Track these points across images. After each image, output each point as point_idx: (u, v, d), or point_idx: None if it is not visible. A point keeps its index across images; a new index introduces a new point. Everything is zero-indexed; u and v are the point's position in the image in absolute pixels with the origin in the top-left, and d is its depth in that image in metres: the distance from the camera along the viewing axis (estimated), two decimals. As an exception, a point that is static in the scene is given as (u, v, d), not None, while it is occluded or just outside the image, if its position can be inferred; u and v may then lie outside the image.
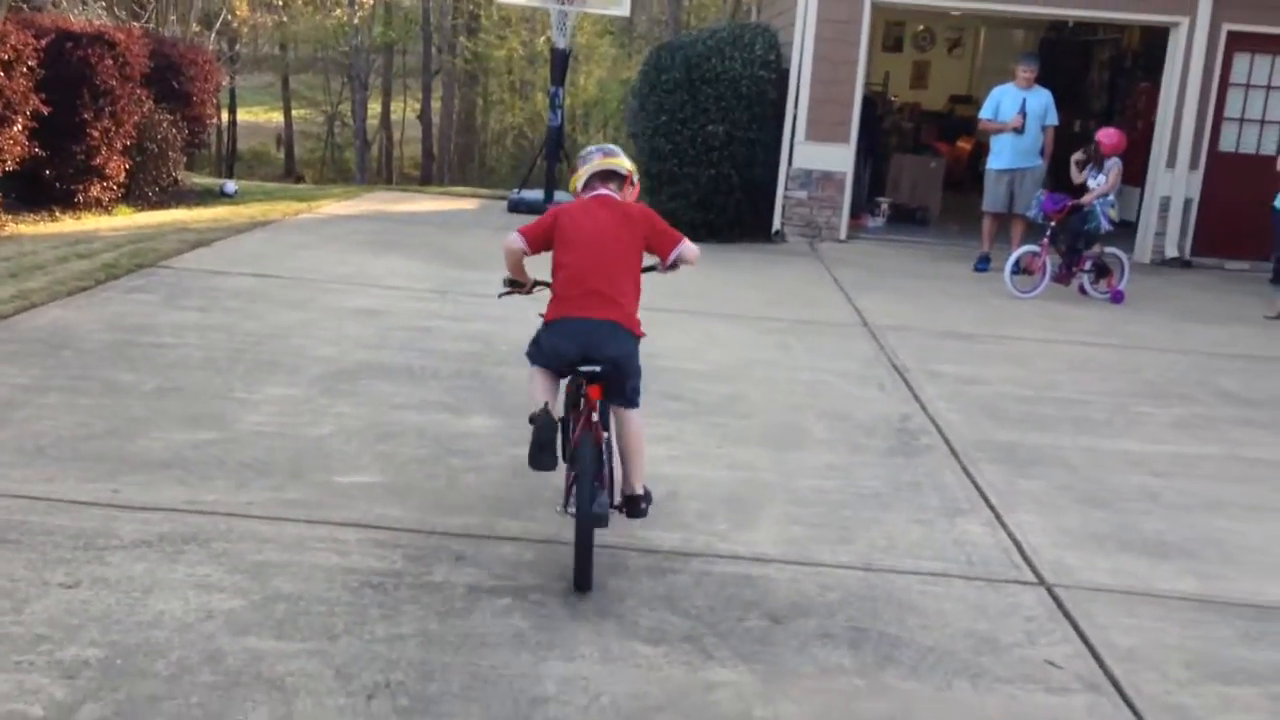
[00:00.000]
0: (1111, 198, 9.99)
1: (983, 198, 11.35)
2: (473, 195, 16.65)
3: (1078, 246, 10.07)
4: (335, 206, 13.45)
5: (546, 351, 4.26)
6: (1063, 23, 15.53)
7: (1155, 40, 13.37)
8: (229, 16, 23.71)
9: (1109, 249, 10.24)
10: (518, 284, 4.61)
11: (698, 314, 8.64)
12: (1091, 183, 9.97)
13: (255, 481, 4.74)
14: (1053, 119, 11.03)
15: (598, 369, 4.10)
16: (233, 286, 8.33)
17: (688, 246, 4.47)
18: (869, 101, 13.80)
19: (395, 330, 7.41)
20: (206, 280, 8.48)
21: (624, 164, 4.50)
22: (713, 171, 12.01)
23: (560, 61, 14.10)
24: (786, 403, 6.49)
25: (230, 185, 15.15)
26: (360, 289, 8.58)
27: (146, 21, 15.64)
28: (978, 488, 5.33)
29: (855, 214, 13.24)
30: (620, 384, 4.19)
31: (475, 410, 5.90)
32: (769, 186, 12.62)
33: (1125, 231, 13.19)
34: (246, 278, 8.68)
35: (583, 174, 4.50)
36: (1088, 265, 10.18)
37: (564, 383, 4.33)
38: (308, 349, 6.79)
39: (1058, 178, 11.74)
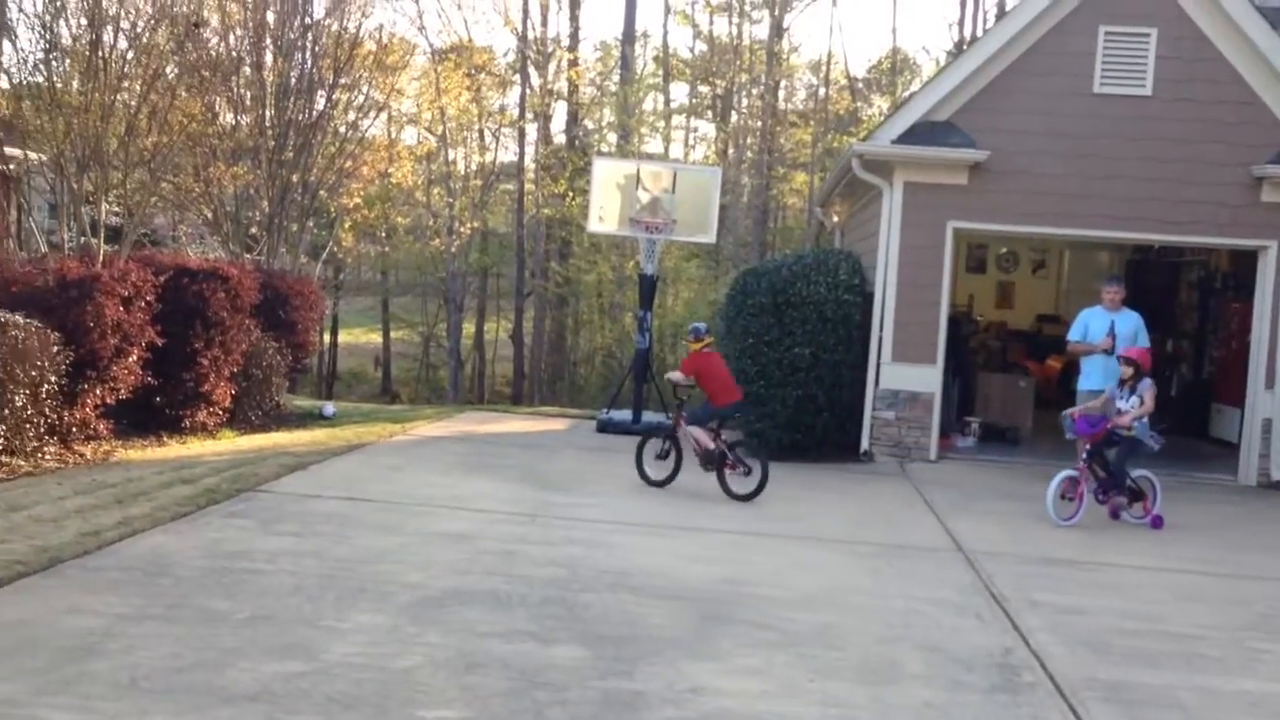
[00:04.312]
0: (1146, 419, 9.71)
1: (1075, 418, 11.20)
2: (561, 415, 16.93)
3: (1117, 466, 9.66)
4: (428, 428, 13.76)
5: (714, 412, 10.22)
6: (1148, 245, 15.65)
7: (1245, 260, 13.37)
8: (335, 247, 24.98)
9: (1140, 472, 9.81)
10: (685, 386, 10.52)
11: (786, 538, 8.55)
12: (1124, 404, 9.66)
13: (341, 716, 4.70)
14: (1144, 341, 10.94)
15: (736, 413, 10.48)
16: (327, 510, 8.49)
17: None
18: (954, 321, 13.91)
19: (483, 555, 7.44)
20: (302, 504, 8.66)
21: (711, 340, 10.40)
22: (799, 393, 12.12)
23: (648, 287, 14.54)
24: (880, 633, 6.31)
25: (329, 408, 15.64)
26: (449, 512, 8.67)
27: (258, 253, 16.54)
28: (1086, 730, 5.07)
29: (945, 433, 13.16)
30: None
31: (561, 640, 5.84)
32: (856, 407, 12.65)
33: (1227, 453, 12.90)
34: (340, 501, 8.85)
35: (697, 346, 10.21)
36: (1119, 490, 9.70)
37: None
38: (397, 575, 6.84)
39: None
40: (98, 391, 10.24)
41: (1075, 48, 12.31)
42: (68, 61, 12.31)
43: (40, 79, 12.35)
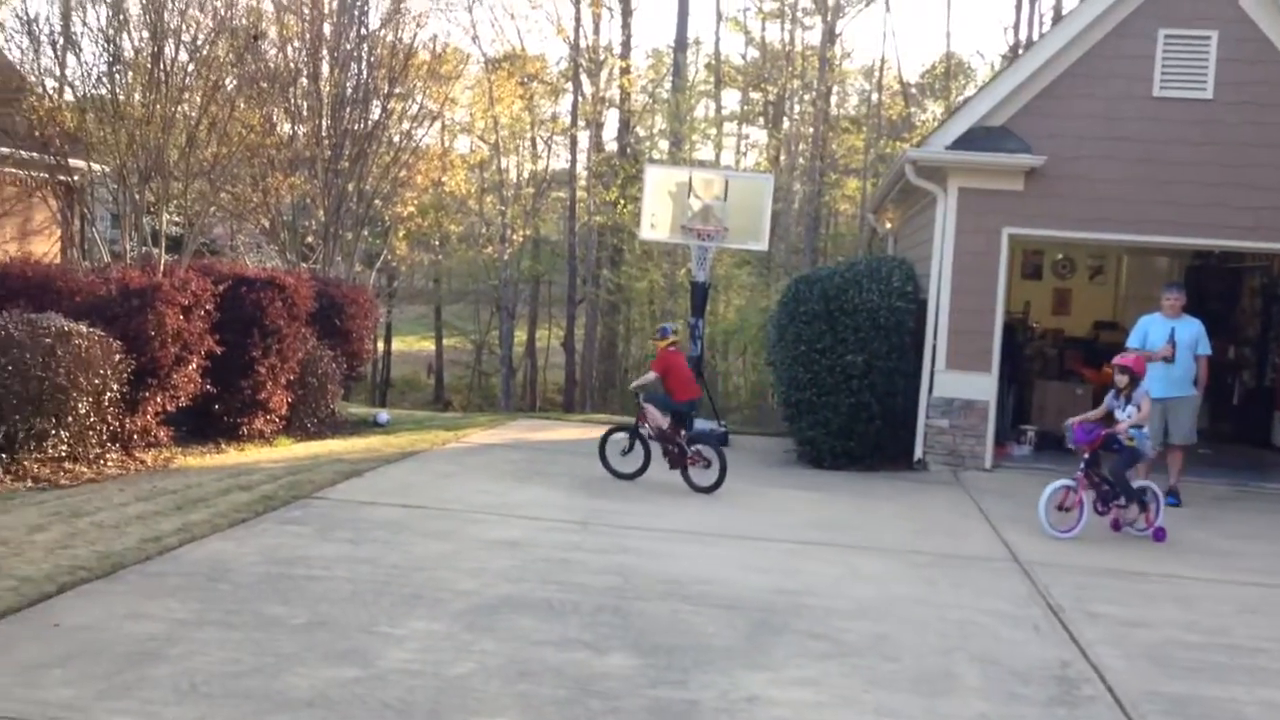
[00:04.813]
0: (1146, 428, 9.49)
1: (1134, 427, 11.01)
2: (613, 423, 16.91)
3: (1118, 476, 9.38)
4: (481, 435, 13.84)
5: (672, 406, 10.70)
6: (1208, 250, 15.39)
7: (1308, 265, 13.11)
8: (389, 255, 25.23)
9: (1142, 483, 9.47)
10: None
11: (840, 546, 8.50)
12: (1121, 414, 9.35)
13: (396, 722, 4.73)
14: (1205, 348, 10.75)
15: (691, 410, 10.89)
16: (381, 517, 8.57)
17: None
18: (1009, 329, 13.76)
19: (536, 562, 7.46)
20: (357, 511, 8.75)
21: (677, 340, 11.24)
22: (852, 400, 12.04)
23: (700, 294, 14.53)
24: (936, 644, 6.25)
25: (383, 415, 15.77)
26: (502, 520, 8.71)
27: (314, 262, 16.74)
28: (1147, 745, 4.98)
29: (1000, 442, 13.00)
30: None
31: (614, 648, 5.84)
32: (909, 415, 12.55)
33: (1290, 461, 12.63)
34: (394, 508, 8.92)
35: (664, 344, 11.05)
36: (1121, 500, 9.38)
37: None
38: (450, 582, 6.88)
39: (1214, 405, 11.36)
40: (158, 399, 10.42)
41: (1134, 51, 12.13)
42: (130, 74, 12.54)
43: (104, 91, 12.60)
